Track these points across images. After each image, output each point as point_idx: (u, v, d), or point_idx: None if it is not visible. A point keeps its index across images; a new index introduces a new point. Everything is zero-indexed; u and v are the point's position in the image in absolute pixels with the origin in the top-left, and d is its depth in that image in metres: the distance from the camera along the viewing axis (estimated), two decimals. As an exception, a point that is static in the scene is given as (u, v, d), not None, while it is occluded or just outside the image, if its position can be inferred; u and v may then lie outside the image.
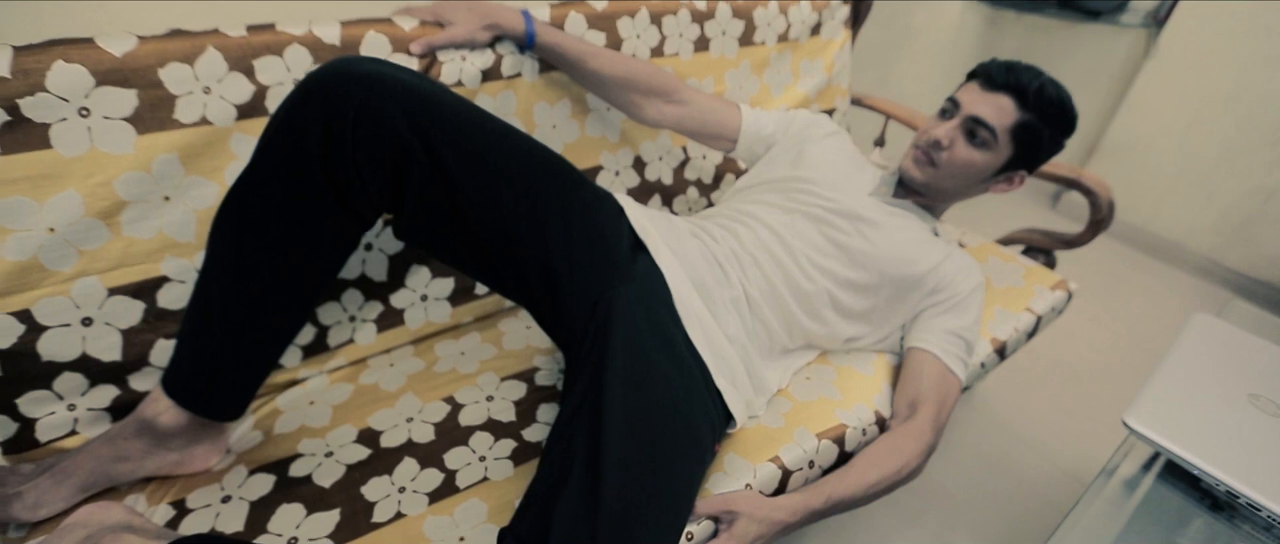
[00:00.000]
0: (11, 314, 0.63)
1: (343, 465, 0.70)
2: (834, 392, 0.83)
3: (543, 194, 0.66)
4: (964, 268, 0.85)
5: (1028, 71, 0.79)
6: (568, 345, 0.70)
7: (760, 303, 0.79)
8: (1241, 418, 0.72)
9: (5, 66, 0.58)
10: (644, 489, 0.56)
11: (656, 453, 0.59)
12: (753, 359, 0.77)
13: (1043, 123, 0.79)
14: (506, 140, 0.66)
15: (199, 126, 0.67)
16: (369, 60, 0.60)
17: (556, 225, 0.66)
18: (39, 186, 0.61)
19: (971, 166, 0.81)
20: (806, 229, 0.82)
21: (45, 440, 0.68)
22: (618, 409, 0.58)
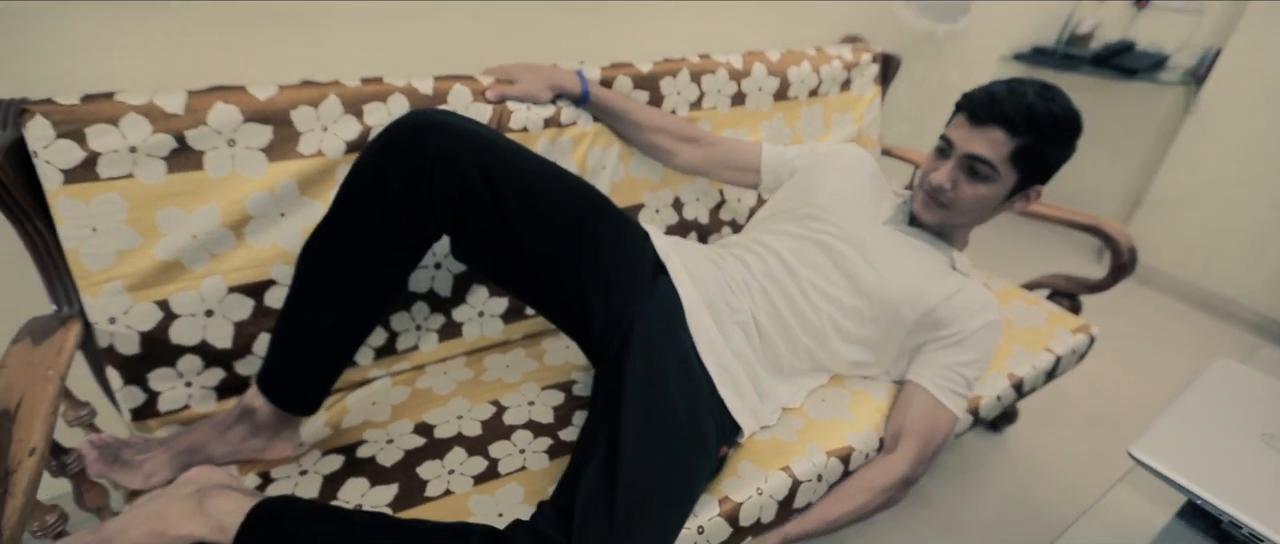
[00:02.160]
0: (155, 303, 0.77)
1: (402, 450, 0.80)
2: (847, 414, 0.88)
3: (581, 225, 0.78)
4: (975, 304, 0.85)
5: (1011, 97, 0.78)
6: (595, 355, 0.81)
7: (767, 326, 0.86)
8: (1251, 454, 0.73)
9: (180, 106, 0.74)
10: (654, 468, 0.64)
11: (665, 441, 0.67)
12: (759, 375, 0.84)
13: (1041, 143, 0.78)
14: (553, 180, 0.78)
15: (315, 157, 0.82)
16: (443, 113, 0.74)
17: (590, 252, 0.77)
18: (189, 200, 0.77)
19: (980, 201, 0.83)
20: (816, 257, 0.88)
21: (164, 411, 0.81)
22: (634, 404, 0.67)
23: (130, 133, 0.72)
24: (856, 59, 1.31)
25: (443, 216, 0.73)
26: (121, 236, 0.74)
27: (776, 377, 0.88)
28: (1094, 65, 1.89)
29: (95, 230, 0.73)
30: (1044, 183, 0.84)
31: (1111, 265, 1.07)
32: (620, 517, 0.60)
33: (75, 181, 0.71)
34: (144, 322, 0.77)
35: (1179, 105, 1.88)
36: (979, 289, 0.88)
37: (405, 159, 0.69)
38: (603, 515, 0.60)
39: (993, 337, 0.86)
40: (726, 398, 0.78)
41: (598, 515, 0.60)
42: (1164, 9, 1.89)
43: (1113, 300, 1.86)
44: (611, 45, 1.13)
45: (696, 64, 1.12)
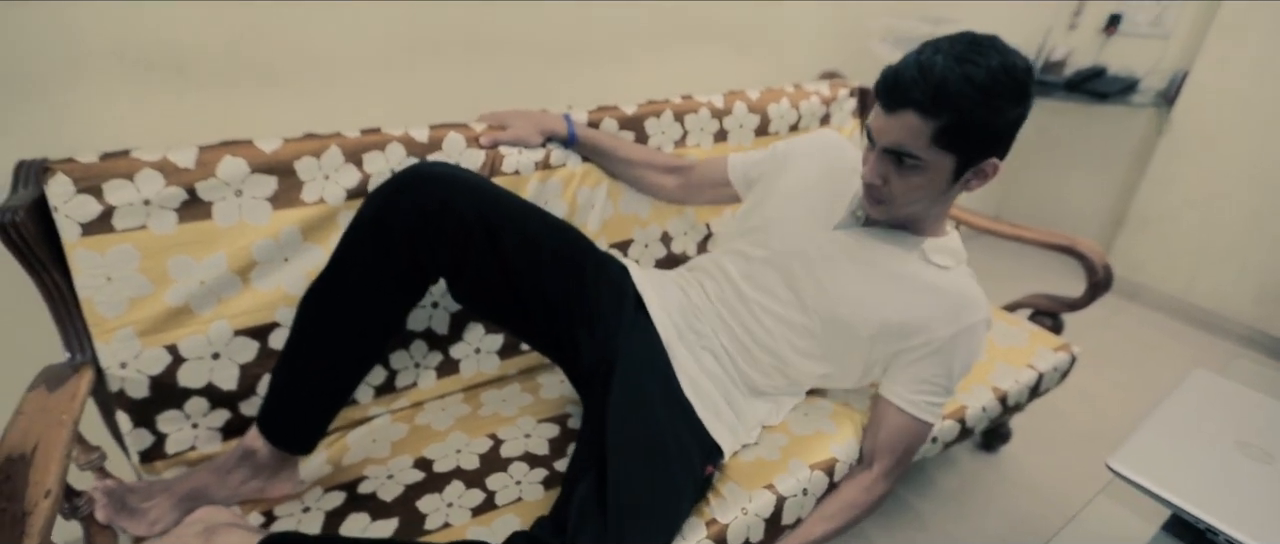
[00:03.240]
0: (165, 347, 0.81)
1: (401, 485, 0.82)
2: (829, 425, 0.91)
3: (569, 266, 0.84)
4: (949, 308, 0.79)
5: (920, 73, 0.66)
6: (583, 385, 0.85)
7: (731, 349, 0.89)
8: (1226, 463, 0.76)
9: (191, 160, 0.79)
10: (641, 487, 0.68)
11: (650, 461, 0.71)
12: (733, 395, 0.87)
13: (964, 117, 0.66)
14: (543, 225, 0.85)
15: (317, 205, 0.87)
16: (443, 164, 0.80)
17: (576, 290, 0.83)
18: (199, 249, 0.81)
19: (919, 189, 0.74)
20: (765, 276, 0.88)
21: (171, 453, 0.84)
22: (620, 429, 0.71)
23: (144, 187, 0.77)
24: (834, 94, 1.37)
25: (443, 260, 0.77)
26: (134, 284, 0.78)
27: (752, 395, 0.90)
28: (1068, 90, 1.96)
29: (109, 279, 0.77)
30: (1000, 154, 0.72)
31: (1088, 283, 1.10)
32: (612, 532, 0.63)
33: (92, 234, 0.75)
34: (154, 366, 0.80)
35: (1152, 126, 1.95)
36: (955, 287, 0.80)
37: (410, 207, 0.74)
38: (595, 531, 0.62)
39: (971, 342, 0.80)
40: (705, 420, 0.81)
41: (589, 531, 0.63)
42: (1132, 36, 1.97)
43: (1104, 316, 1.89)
44: (598, 90, 1.18)
45: (679, 104, 1.17)
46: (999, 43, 0.68)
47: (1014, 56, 0.68)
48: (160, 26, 0.82)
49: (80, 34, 0.78)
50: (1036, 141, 2.25)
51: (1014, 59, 0.67)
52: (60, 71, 0.78)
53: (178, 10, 0.82)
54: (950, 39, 0.69)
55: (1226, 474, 0.75)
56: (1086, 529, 0.77)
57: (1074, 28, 2.08)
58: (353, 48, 0.95)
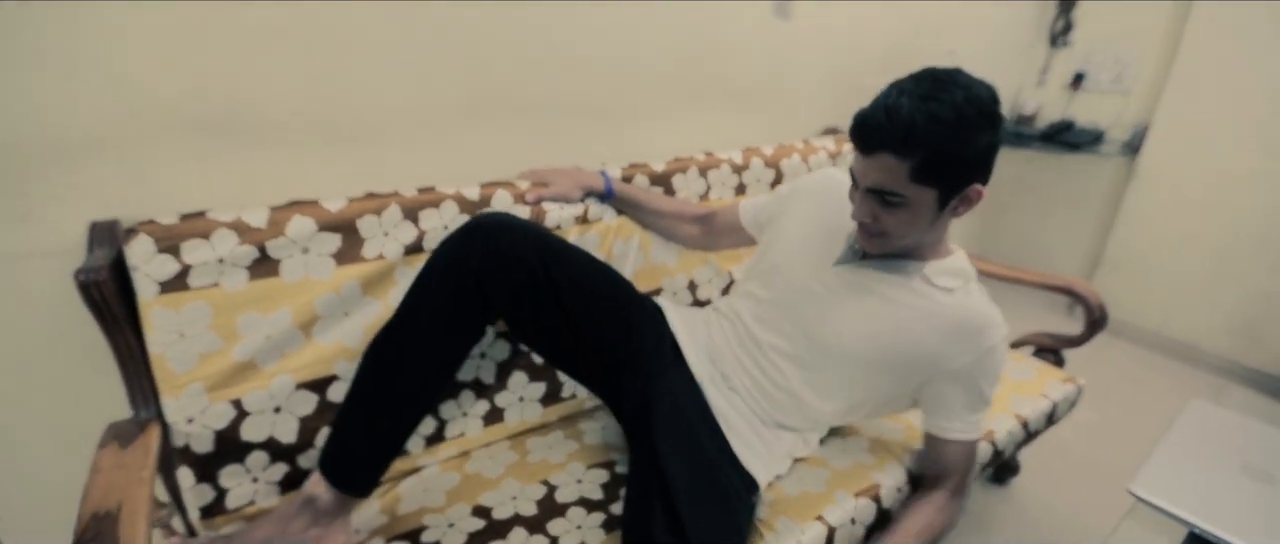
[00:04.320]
0: (230, 402, 0.82)
1: (464, 533, 0.84)
2: (867, 458, 0.97)
3: (616, 308, 0.91)
4: (964, 333, 0.79)
5: (888, 117, 0.68)
6: (627, 419, 0.91)
7: (751, 389, 0.93)
8: (1234, 485, 0.83)
9: (263, 220, 0.83)
10: (711, 512, 0.75)
11: (711, 488, 0.77)
12: (760, 429, 0.91)
13: (939, 151, 0.68)
14: (595, 271, 0.92)
15: (377, 261, 0.90)
16: (508, 216, 0.86)
17: (623, 330, 0.90)
18: (266, 304, 0.84)
19: (908, 224, 0.75)
20: (776, 318, 0.91)
21: (231, 508, 0.84)
22: (676, 461, 0.77)
23: (219, 246, 0.80)
24: (839, 148, 1.47)
25: (506, 302, 0.83)
26: (205, 341, 0.80)
27: (778, 429, 0.93)
28: (1042, 141, 2.11)
29: (182, 336, 0.79)
30: (981, 180, 0.73)
31: (1086, 321, 1.19)
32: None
33: (169, 292, 0.78)
34: (219, 421, 0.82)
35: (1121, 174, 2.10)
36: (965, 312, 0.80)
37: (482, 252, 0.80)
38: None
39: (993, 362, 0.80)
40: (739, 453, 0.86)
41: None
42: (1095, 92, 2.14)
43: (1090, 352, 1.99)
44: (626, 147, 1.26)
45: (702, 161, 1.25)
46: (961, 76, 0.70)
47: (977, 87, 0.69)
48: (227, 90, 0.87)
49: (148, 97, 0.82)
50: (1016, 188, 2.40)
51: (977, 90, 0.69)
52: (128, 134, 0.82)
53: (244, 75, 0.87)
54: (914, 78, 0.71)
55: (1235, 495, 0.82)
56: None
57: (1042, 84, 2.26)
58: (407, 110, 1.01)
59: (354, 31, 0.92)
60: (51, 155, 0.78)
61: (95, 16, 0.76)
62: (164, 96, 0.83)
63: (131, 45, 0.79)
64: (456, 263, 0.81)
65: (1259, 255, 1.81)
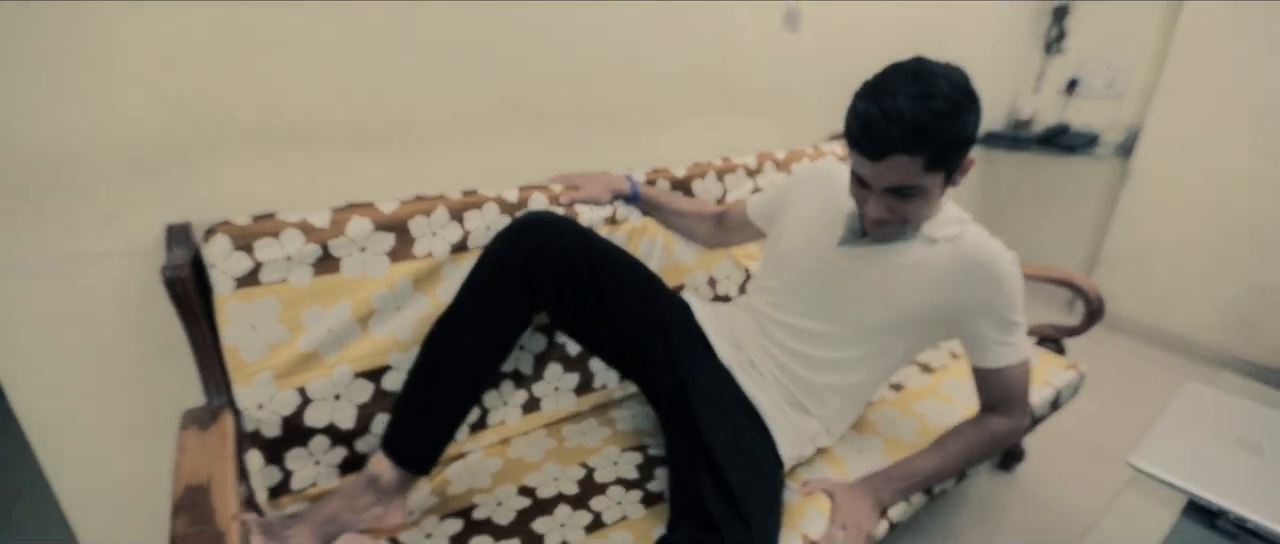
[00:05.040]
0: (296, 390, 0.89)
1: (513, 510, 0.90)
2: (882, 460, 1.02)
3: (653, 303, 0.98)
4: (973, 275, 0.84)
5: (890, 122, 0.72)
6: (660, 404, 0.97)
7: (776, 374, 0.98)
8: (1229, 457, 0.89)
9: (326, 220, 0.89)
10: (756, 485, 0.81)
11: (752, 463, 0.84)
12: (786, 411, 0.96)
13: (944, 139, 0.73)
14: (631, 267, 0.99)
15: (426, 259, 0.97)
16: (555, 214, 0.93)
17: (655, 320, 0.97)
18: (328, 299, 0.90)
19: (923, 207, 0.81)
20: (792, 303, 0.97)
21: (296, 489, 0.91)
22: (718, 438, 0.84)
23: (287, 244, 0.87)
24: (846, 153, 1.54)
25: (551, 293, 0.90)
26: (274, 332, 0.87)
27: (804, 413, 0.98)
28: (1039, 145, 2.19)
29: (253, 328, 0.85)
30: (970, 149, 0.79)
31: (1084, 312, 1.26)
32: (755, 525, 0.75)
33: (242, 287, 0.84)
34: (286, 407, 0.88)
35: (1116, 175, 2.18)
36: (967, 253, 0.85)
37: (531, 247, 0.87)
38: (741, 528, 0.73)
39: (1010, 285, 0.85)
40: (771, 428, 0.92)
41: (737, 528, 0.73)
42: (1089, 97, 2.23)
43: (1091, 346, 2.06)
44: (647, 153, 1.33)
45: (720, 166, 1.33)
46: (934, 66, 0.75)
47: (953, 73, 0.74)
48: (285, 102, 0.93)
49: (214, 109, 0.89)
50: (1014, 191, 2.48)
51: (954, 76, 0.74)
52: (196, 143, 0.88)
53: (300, 88, 0.94)
54: (897, 78, 0.74)
55: (1229, 466, 0.89)
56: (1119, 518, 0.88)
57: (1038, 90, 2.34)
58: (446, 118, 1.08)
59: (400, 48, 1.00)
60: (130, 163, 0.85)
61: (167, 37, 0.83)
62: (228, 108, 0.90)
63: (198, 62, 0.86)
64: (507, 258, 0.88)
65: (1252, 251, 1.88)
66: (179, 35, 0.84)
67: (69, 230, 0.84)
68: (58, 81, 0.78)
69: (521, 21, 1.09)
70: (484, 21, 1.06)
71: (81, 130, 0.81)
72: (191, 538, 0.65)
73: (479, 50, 1.08)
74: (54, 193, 0.82)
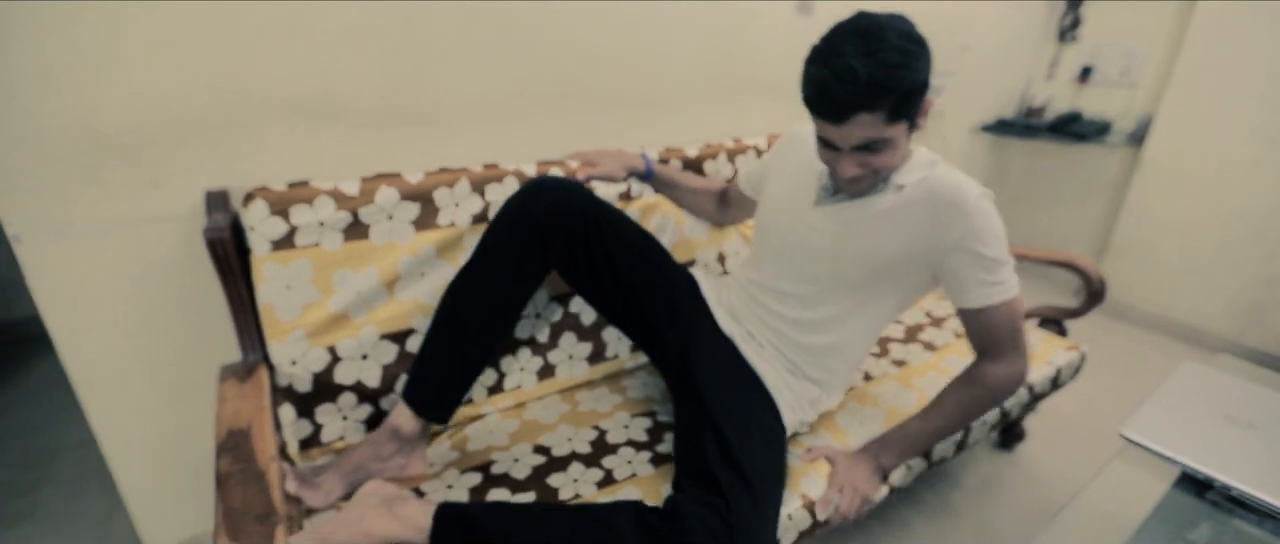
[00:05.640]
0: (326, 348, 0.94)
1: (529, 466, 0.95)
2: (882, 422, 1.06)
3: (660, 269, 1.02)
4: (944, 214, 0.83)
5: (845, 84, 0.73)
6: (665, 366, 1.02)
7: (773, 341, 1.00)
8: (1217, 430, 0.92)
9: (356, 189, 0.94)
10: (760, 451, 0.85)
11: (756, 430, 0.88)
12: (786, 377, 0.98)
13: (902, 90, 0.74)
14: (639, 234, 1.03)
15: (449, 228, 1.02)
16: (566, 179, 0.98)
17: (661, 287, 1.01)
18: (357, 263, 0.95)
19: (892, 156, 0.81)
20: (779, 270, 0.98)
21: (325, 442, 0.96)
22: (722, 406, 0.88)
23: (320, 210, 0.92)
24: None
25: (561, 249, 0.94)
26: (306, 293, 0.92)
27: (804, 380, 1.00)
28: (1051, 132, 2.20)
29: (288, 288, 0.91)
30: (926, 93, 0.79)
31: (1086, 293, 1.28)
32: (757, 486, 0.79)
33: (278, 250, 0.90)
34: (317, 364, 0.94)
35: (1127, 163, 2.18)
36: (934, 193, 0.84)
37: (542, 207, 0.92)
38: (744, 489, 0.77)
39: (983, 220, 0.82)
40: (774, 394, 0.95)
41: (740, 489, 0.77)
42: (1103, 85, 2.23)
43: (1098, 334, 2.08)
44: (662, 134, 1.37)
45: (731, 147, 1.36)
46: (877, 19, 0.75)
47: (897, 23, 0.75)
48: (319, 79, 0.98)
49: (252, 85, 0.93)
50: (1026, 178, 2.48)
51: (900, 25, 0.75)
52: (234, 116, 0.93)
53: (334, 66, 0.98)
54: (842, 39, 0.75)
55: (1218, 439, 0.92)
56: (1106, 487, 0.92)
57: (1051, 78, 2.34)
58: (471, 98, 1.12)
59: (428, 30, 1.04)
60: (173, 134, 0.90)
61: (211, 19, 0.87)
62: (265, 84, 0.94)
63: (240, 42, 0.90)
64: (521, 215, 0.93)
65: (1261, 241, 1.88)
66: (222, 17, 0.88)
67: (117, 197, 0.89)
68: (111, 62, 0.83)
69: (543, 7, 1.13)
70: (507, 7, 1.10)
71: (131, 105, 0.86)
72: (235, 475, 0.70)
73: (502, 34, 1.12)
74: (105, 162, 0.87)
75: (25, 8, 0.78)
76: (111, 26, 0.82)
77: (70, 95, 0.83)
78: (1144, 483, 0.94)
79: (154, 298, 0.96)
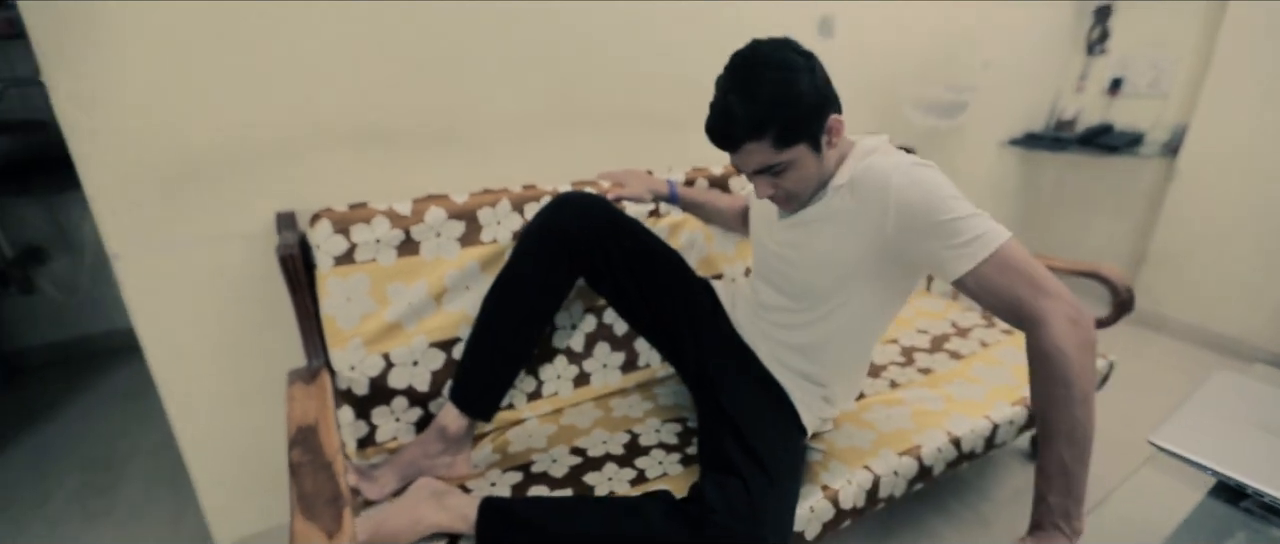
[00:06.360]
0: (381, 355, 1.02)
1: (567, 466, 1.01)
2: (910, 424, 1.09)
3: (680, 280, 1.08)
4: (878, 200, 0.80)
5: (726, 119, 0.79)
6: (687, 372, 1.07)
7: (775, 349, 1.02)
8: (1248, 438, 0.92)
9: (408, 209, 1.03)
10: (777, 446, 0.90)
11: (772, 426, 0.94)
12: (799, 382, 1.00)
13: (782, 119, 0.77)
14: (658, 246, 1.09)
15: (491, 244, 1.10)
16: (592, 194, 1.05)
17: (681, 296, 1.06)
18: (409, 277, 1.04)
19: (801, 178, 0.84)
20: (765, 283, 1.02)
21: (380, 442, 1.04)
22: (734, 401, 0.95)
23: (377, 229, 1.01)
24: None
25: (586, 261, 1.01)
26: (364, 304, 1.01)
27: (808, 383, 1.01)
28: (1081, 145, 2.19)
29: (348, 300, 0.99)
30: (833, 110, 0.82)
31: (1113, 303, 1.29)
32: (774, 474, 0.83)
33: (340, 265, 0.99)
34: (373, 369, 1.02)
35: (1161, 174, 2.16)
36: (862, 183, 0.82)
37: (568, 223, 0.99)
38: (761, 473, 0.82)
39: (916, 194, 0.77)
40: (793, 397, 0.99)
41: (757, 473, 0.82)
42: (1133, 96, 2.22)
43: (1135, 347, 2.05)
44: (691, 153, 1.44)
45: (757, 162, 1.42)
46: (761, 50, 0.79)
47: (776, 52, 0.78)
48: (377, 110, 1.08)
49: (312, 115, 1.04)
50: (1057, 191, 2.47)
51: (778, 55, 0.78)
52: (302, 144, 1.04)
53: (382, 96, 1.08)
54: (727, 75, 0.81)
55: (1252, 447, 0.92)
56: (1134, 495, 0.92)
57: (1081, 91, 2.34)
58: (507, 121, 1.21)
59: (467, 61, 1.13)
60: (247, 160, 1.01)
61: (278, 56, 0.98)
62: (327, 115, 1.05)
63: (304, 76, 1.01)
64: (548, 228, 1.00)
65: (1305, 251, 1.84)
66: (290, 56, 0.99)
67: (199, 217, 1.00)
68: (194, 97, 0.94)
69: (574, 34, 1.22)
70: (541, 36, 1.19)
71: (212, 135, 0.97)
72: (306, 465, 0.78)
73: (537, 62, 1.21)
74: (189, 186, 0.98)
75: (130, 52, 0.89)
76: (194, 66, 0.93)
77: (162, 127, 0.94)
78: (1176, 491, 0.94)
79: (228, 308, 1.06)
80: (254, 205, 1.03)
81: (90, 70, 0.87)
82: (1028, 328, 0.75)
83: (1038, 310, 0.73)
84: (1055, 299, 0.73)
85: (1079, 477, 0.73)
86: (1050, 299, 0.73)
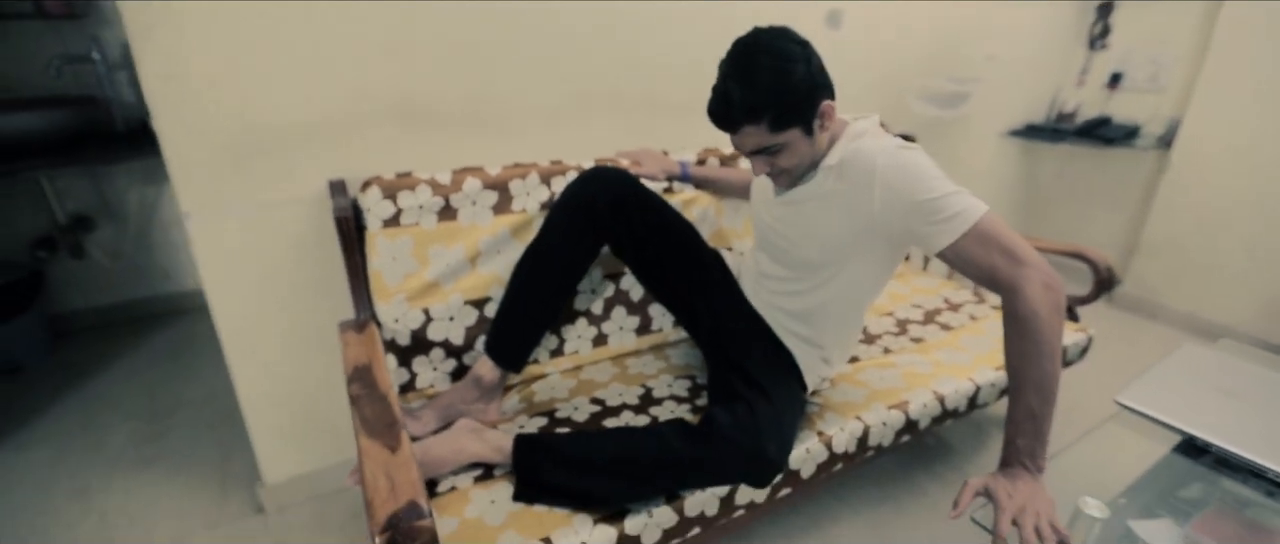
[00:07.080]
0: (422, 310, 1.13)
1: (587, 413, 1.12)
2: (901, 382, 1.19)
3: (694, 248, 1.18)
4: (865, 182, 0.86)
5: (725, 103, 0.84)
6: (700, 335, 1.17)
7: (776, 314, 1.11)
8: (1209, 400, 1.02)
9: (448, 179, 1.14)
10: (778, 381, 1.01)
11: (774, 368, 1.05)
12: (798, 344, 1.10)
13: (778, 104, 0.83)
14: (677, 218, 1.18)
15: (521, 214, 1.20)
16: (618, 169, 1.14)
17: (696, 265, 1.16)
18: (448, 241, 1.15)
19: (795, 157, 0.90)
20: (764, 254, 1.11)
21: (420, 388, 1.15)
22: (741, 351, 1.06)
23: (420, 195, 1.11)
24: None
25: (611, 229, 1.11)
26: (408, 264, 1.12)
27: (808, 345, 1.11)
28: (1079, 136, 2.27)
29: (394, 259, 1.10)
30: (826, 96, 0.87)
31: (1094, 281, 1.38)
32: (776, 402, 0.95)
33: (387, 227, 1.09)
34: (414, 323, 1.13)
35: (1155, 166, 2.24)
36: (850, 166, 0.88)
37: (595, 193, 1.08)
38: (764, 397, 0.94)
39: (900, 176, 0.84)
40: (794, 353, 1.09)
41: (760, 397, 0.94)
42: (1132, 90, 2.29)
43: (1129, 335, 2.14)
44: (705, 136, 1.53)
45: (765, 145, 1.52)
46: (761, 38, 0.85)
47: (774, 43, 0.83)
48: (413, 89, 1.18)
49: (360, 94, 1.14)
50: (1055, 181, 2.55)
51: (776, 44, 0.83)
52: (354, 119, 1.14)
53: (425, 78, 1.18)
54: (729, 60, 0.86)
55: (1211, 407, 1.02)
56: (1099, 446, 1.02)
57: (1082, 85, 2.41)
58: (536, 105, 1.31)
59: (504, 51, 1.23)
60: (303, 132, 1.11)
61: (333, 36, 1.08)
62: (371, 93, 1.15)
63: (355, 57, 1.11)
64: (577, 198, 1.09)
65: (1291, 242, 1.92)
66: (343, 37, 1.09)
67: (260, 183, 1.11)
68: (258, 73, 1.05)
69: (598, 26, 1.32)
70: (570, 31, 1.29)
71: (274, 108, 1.08)
72: (363, 396, 0.89)
73: (564, 53, 1.31)
74: (253, 154, 1.08)
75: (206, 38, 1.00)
76: (260, 50, 1.04)
77: (230, 98, 1.04)
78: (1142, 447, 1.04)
79: (284, 266, 1.18)
80: (309, 174, 1.14)
81: (173, 53, 0.98)
82: (1004, 293, 0.83)
83: (1013, 277, 0.81)
84: (1030, 267, 0.81)
85: (1045, 423, 0.82)
86: (1025, 267, 0.81)
